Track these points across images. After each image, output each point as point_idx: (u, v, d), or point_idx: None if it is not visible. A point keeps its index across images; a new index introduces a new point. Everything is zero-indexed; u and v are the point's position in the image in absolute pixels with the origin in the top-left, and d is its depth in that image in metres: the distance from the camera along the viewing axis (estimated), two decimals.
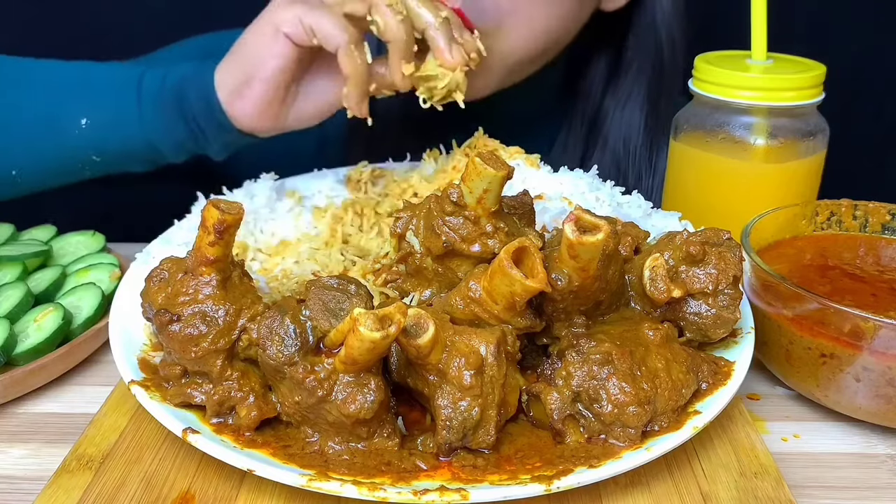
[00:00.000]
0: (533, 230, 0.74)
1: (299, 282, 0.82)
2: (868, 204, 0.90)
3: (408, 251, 0.74)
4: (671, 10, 1.15)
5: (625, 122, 1.17)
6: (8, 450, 0.73)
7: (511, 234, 0.70)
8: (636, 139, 1.17)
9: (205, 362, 0.65)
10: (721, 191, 0.96)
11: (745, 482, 0.65)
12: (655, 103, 1.17)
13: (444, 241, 0.69)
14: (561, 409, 0.65)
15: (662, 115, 1.16)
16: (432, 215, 0.70)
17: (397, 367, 0.66)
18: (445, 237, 0.69)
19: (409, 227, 0.74)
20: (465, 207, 0.69)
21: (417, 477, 0.61)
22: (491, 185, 0.67)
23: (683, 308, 0.72)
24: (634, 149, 1.17)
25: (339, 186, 1.00)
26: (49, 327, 0.81)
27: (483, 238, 0.69)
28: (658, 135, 1.18)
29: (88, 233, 1.01)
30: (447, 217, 0.69)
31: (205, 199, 0.92)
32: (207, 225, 0.65)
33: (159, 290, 0.68)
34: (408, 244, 0.74)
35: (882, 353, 0.70)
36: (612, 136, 1.18)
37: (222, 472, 0.65)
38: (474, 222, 0.69)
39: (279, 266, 0.84)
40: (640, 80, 1.16)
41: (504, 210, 0.72)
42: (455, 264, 0.71)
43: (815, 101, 0.93)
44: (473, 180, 0.67)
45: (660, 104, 1.17)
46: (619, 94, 1.17)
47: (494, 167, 0.66)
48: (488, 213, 0.69)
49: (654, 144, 1.18)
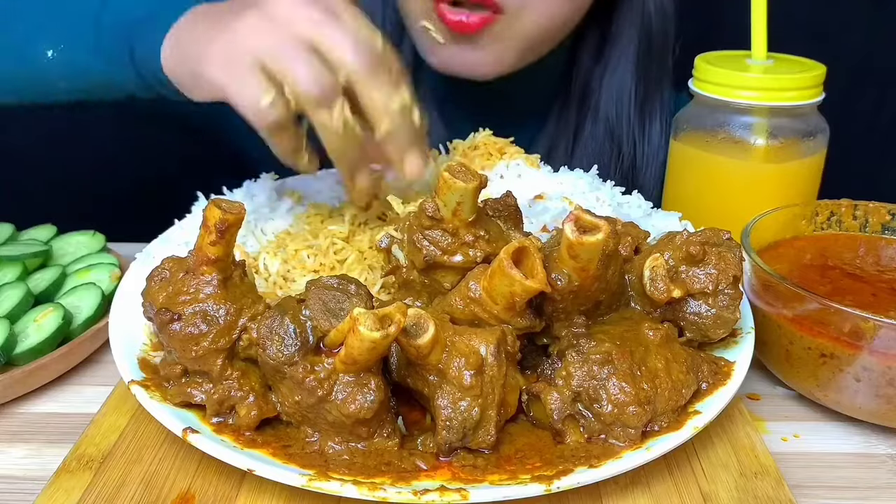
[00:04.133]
0: (520, 231, 0.74)
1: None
2: (868, 204, 0.90)
3: (395, 265, 0.74)
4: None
5: (615, 91, 1.17)
6: (8, 450, 0.73)
7: (494, 241, 0.70)
8: (627, 107, 1.17)
9: (205, 361, 0.65)
10: (721, 191, 0.96)
11: (745, 482, 0.65)
12: (645, 71, 1.17)
13: (424, 254, 0.69)
14: (561, 409, 0.65)
15: (653, 83, 1.17)
16: (413, 230, 0.71)
17: (397, 367, 0.66)
18: (426, 251, 0.69)
19: (393, 242, 0.74)
20: (442, 220, 0.69)
21: (417, 477, 0.61)
22: (464, 198, 0.67)
23: (683, 308, 0.72)
24: (626, 117, 1.17)
25: (338, 187, 1.00)
26: (49, 327, 0.81)
27: (464, 248, 0.69)
28: (649, 102, 1.18)
29: (88, 233, 1.01)
30: (426, 231, 0.69)
31: (205, 199, 0.92)
32: (209, 224, 0.65)
33: (160, 289, 0.68)
34: (394, 258, 0.74)
35: (882, 353, 0.70)
36: (603, 105, 1.18)
37: (222, 471, 0.65)
38: (453, 234, 0.69)
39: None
40: (629, 50, 1.16)
41: (488, 213, 0.72)
42: (440, 276, 0.70)
43: (815, 101, 0.93)
44: (446, 194, 0.67)
45: (650, 72, 1.17)
46: (609, 64, 1.17)
47: (464, 180, 0.66)
48: (466, 224, 0.68)
49: (645, 111, 1.18)
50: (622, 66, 1.16)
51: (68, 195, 1.32)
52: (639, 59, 1.16)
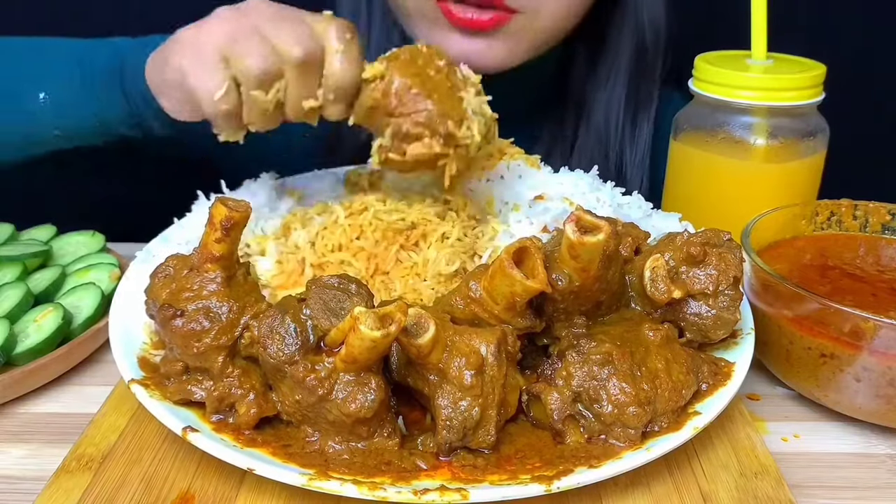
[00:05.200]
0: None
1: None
2: (868, 204, 0.90)
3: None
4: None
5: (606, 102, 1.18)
6: (8, 450, 0.73)
7: None
8: (617, 117, 1.19)
9: (206, 358, 0.65)
10: (721, 191, 0.96)
11: (745, 482, 0.65)
12: (637, 83, 1.18)
13: None
14: (561, 409, 0.65)
15: (643, 92, 1.18)
16: None
17: (397, 367, 0.66)
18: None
19: None
20: None
21: (417, 476, 0.61)
22: None
23: (684, 309, 0.72)
24: (616, 126, 1.19)
25: (338, 187, 1.00)
26: (49, 327, 0.81)
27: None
28: (639, 111, 1.19)
29: (88, 233, 1.01)
30: None
31: (205, 199, 0.92)
32: (214, 222, 0.65)
33: (164, 285, 0.68)
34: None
35: (882, 353, 0.70)
36: (595, 115, 1.19)
37: (222, 471, 0.65)
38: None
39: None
40: (621, 63, 1.17)
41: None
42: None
43: (815, 101, 0.93)
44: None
45: (641, 83, 1.18)
46: (601, 75, 1.19)
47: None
48: None
49: (635, 120, 1.19)
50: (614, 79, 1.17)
51: (68, 195, 1.32)
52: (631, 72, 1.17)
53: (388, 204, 0.87)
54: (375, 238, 0.83)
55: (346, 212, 0.86)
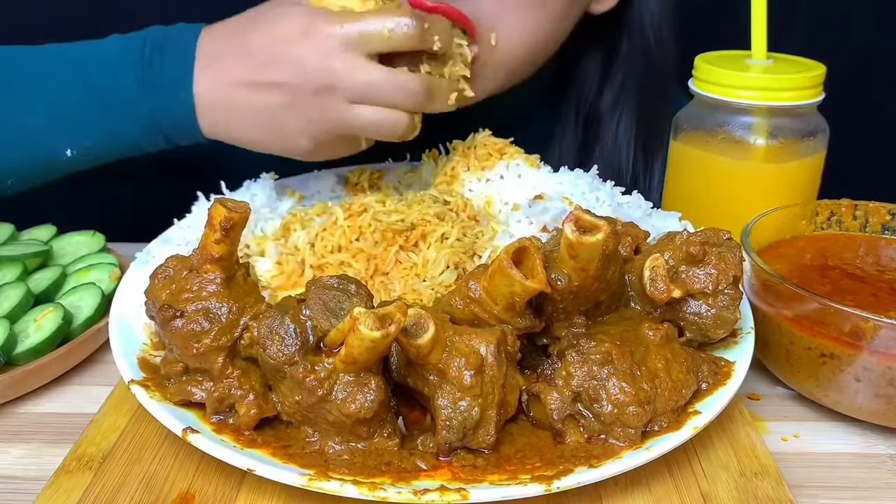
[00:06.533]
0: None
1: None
2: (868, 204, 0.90)
3: None
4: (659, 11, 1.13)
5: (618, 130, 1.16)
6: (8, 450, 0.73)
7: None
8: (630, 146, 1.16)
9: (206, 359, 0.66)
10: (721, 191, 0.96)
11: (745, 482, 0.65)
12: (648, 109, 1.16)
13: None
14: (561, 409, 0.65)
15: (657, 119, 1.15)
16: None
17: (397, 367, 0.66)
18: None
19: None
20: None
21: (417, 477, 0.61)
22: None
23: (683, 308, 0.72)
24: (629, 155, 1.16)
25: (338, 187, 1.00)
26: (49, 327, 0.81)
27: None
28: (653, 139, 1.16)
29: (88, 233, 1.01)
30: None
31: (205, 199, 0.93)
32: (214, 223, 0.65)
33: (163, 286, 0.68)
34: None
35: (882, 353, 0.70)
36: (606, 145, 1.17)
37: (222, 472, 0.65)
38: None
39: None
40: (630, 88, 1.15)
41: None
42: None
43: (815, 101, 0.93)
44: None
45: (652, 109, 1.16)
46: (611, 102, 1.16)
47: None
48: None
49: (648, 149, 1.17)
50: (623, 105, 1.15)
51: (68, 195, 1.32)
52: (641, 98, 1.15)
53: (388, 205, 0.87)
54: (375, 239, 0.83)
55: (346, 213, 0.86)
